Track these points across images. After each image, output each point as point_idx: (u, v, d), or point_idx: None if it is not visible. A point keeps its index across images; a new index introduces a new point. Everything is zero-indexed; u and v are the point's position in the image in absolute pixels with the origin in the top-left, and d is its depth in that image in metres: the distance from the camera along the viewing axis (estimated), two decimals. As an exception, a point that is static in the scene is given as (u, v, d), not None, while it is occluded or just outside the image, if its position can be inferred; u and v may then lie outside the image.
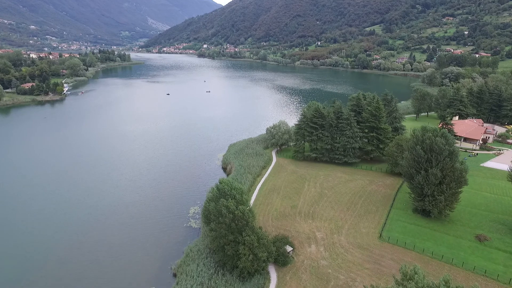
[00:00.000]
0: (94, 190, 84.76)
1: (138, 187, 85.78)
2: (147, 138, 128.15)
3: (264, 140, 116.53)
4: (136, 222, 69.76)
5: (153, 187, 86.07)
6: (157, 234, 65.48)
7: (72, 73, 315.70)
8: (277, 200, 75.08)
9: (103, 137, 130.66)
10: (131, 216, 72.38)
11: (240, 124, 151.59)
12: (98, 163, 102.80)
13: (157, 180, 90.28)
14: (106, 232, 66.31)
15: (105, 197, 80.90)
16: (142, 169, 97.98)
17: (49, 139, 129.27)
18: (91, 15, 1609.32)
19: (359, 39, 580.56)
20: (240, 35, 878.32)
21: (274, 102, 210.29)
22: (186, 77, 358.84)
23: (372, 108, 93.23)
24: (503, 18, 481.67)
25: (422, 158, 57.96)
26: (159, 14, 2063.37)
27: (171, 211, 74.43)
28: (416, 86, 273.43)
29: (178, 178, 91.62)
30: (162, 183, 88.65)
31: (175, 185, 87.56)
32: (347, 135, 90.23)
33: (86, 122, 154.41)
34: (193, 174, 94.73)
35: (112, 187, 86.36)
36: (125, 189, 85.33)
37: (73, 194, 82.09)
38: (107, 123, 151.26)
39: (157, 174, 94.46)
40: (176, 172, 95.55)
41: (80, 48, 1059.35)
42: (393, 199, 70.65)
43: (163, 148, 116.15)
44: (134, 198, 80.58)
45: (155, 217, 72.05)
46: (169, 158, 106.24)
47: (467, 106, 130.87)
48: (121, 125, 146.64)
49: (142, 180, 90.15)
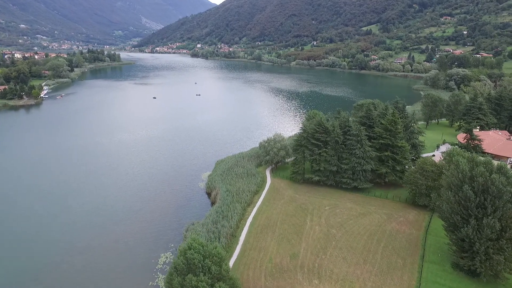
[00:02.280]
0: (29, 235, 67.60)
1: (97, 226, 68.31)
2: (122, 153, 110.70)
3: (256, 156, 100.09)
4: (84, 279, 52.80)
5: (115, 223, 68.91)
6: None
7: (55, 75, 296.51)
8: (272, 243, 58.65)
9: (68, 153, 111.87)
10: (80, 269, 55.42)
11: (231, 134, 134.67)
12: (53, 189, 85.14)
13: (122, 214, 72.95)
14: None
15: (53, 241, 63.82)
16: (108, 197, 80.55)
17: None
18: (83, 14, 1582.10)
19: (355, 39, 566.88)
20: (235, 35, 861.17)
21: (269, 107, 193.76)
22: (177, 79, 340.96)
23: (386, 121, 77.18)
24: (502, 18, 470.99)
25: (472, 202, 41.88)
26: (153, 13, 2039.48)
27: (134, 262, 57.39)
28: (419, 88, 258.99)
29: (151, 211, 74.38)
30: (128, 218, 70.96)
31: (146, 220, 70.52)
32: (356, 154, 74.04)
33: (54, 133, 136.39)
34: (169, 204, 77.59)
35: (62, 226, 69.19)
36: (79, 229, 68.06)
37: (16, 233, 64.93)
38: (79, 134, 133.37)
39: (125, 204, 77.06)
40: (149, 202, 78.21)
41: (72, 47, 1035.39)
42: (422, 246, 54.52)
43: (138, 167, 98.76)
44: (88, 243, 63.46)
45: (111, 270, 55.14)
46: (143, 181, 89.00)
47: (487, 115, 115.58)
48: (94, 137, 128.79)
49: (103, 215, 72.76)
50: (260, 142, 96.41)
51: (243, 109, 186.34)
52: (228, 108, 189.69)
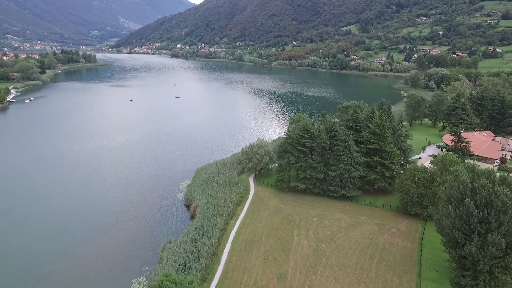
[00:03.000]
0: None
1: (59, 250, 60.93)
2: (93, 163, 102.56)
3: (239, 163, 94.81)
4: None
5: (81, 246, 61.81)
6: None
7: (24, 77, 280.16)
8: (258, 262, 53.61)
9: (33, 162, 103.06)
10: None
11: (212, 139, 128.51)
12: (9, 208, 76.42)
13: (90, 233, 65.76)
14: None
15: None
16: (75, 214, 73.03)
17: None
18: (57, 13, 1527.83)
19: (336, 39, 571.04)
20: (215, 35, 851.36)
21: (251, 109, 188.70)
22: (155, 80, 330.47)
23: (374, 125, 73.70)
24: (475, 19, 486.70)
25: (475, 217, 38.29)
26: (130, 13, 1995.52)
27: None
28: (400, 87, 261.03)
29: (123, 228, 67.65)
30: (97, 238, 63.74)
31: (118, 239, 63.87)
32: (344, 161, 70.09)
33: (20, 140, 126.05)
34: (145, 219, 70.98)
35: (17, 253, 61.54)
36: (37, 254, 60.61)
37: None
38: (47, 141, 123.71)
39: (94, 222, 69.68)
40: (121, 217, 71.21)
41: (45, 48, 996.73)
42: (418, 261, 50.88)
43: (111, 178, 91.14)
44: (48, 269, 56.35)
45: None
46: (116, 194, 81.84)
47: (470, 115, 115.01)
48: (64, 144, 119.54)
49: (68, 236, 65.03)
50: (242, 148, 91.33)
51: (224, 112, 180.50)
52: (209, 111, 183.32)
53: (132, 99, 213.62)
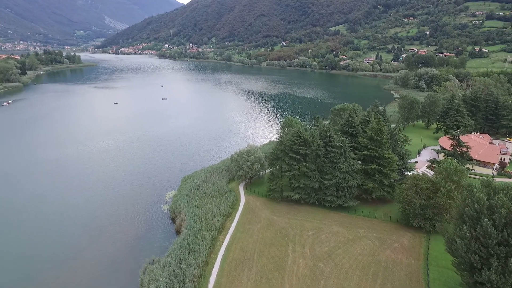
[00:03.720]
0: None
1: (25, 276, 54.85)
2: (71, 172, 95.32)
3: (228, 170, 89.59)
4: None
5: (53, 269, 55.59)
6: None
7: (3, 79, 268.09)
8: (249, 284, 48.52)
9: (4, 173, 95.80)
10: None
11: (200, 144, 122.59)
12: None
13: (62, 256, 59.12)
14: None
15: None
16: (47, 232, 66.47)
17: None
18: (40, 13, 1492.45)
19: (324, 39, 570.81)
20: (203, 35, 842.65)
21: (241, 111, 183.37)
22: (142, 81, 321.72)
23: (371, 130, 69.45)
24: (460, 19, 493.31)
25: (493, 239, 34.07)
26: (116, 12, 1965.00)
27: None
28: (390, 88, 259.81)
29: (100, 248, 61.46)
30: (70, 260, 57.27)
31: (93, 261, 57.72)
32: (340, 169, 65.58)
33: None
34: (125, 236, 64.86)
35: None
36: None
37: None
38: (23, 148, 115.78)
39: (67, 242, 63.03)
40: (99, 235, 64.94)
41: (28, 48, 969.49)
42: (425, 282, 46.54)
43: (89, 190, 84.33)
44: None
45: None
46: (95, 207, 75.33)
47: (464, 117, 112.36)
48: (40, 152, 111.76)
49: (38, 260, 59.01)
50: (231, 154, 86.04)
51: (213, 114, 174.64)
52: (197, 113, 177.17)
53: (116, 101, 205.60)
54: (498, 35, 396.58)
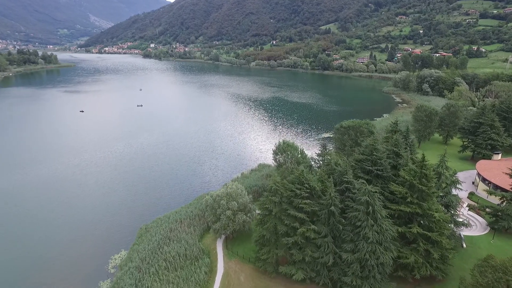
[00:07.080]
0: None
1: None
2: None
3: (202, 215, 65.65)
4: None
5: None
6: None
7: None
8: None
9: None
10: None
11: (169, 172, 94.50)
12: None
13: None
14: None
15: None
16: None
17: None
18: (21, 11, 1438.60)
19: (315, 38, 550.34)
20: (190, 34, 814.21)
21: (226, 122, 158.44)
22: (119, 84, 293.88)
23: (410, 175, 46.24)
24: (454, 18, 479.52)
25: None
26: (102, 10, 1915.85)
27: None
28: (390, 91, 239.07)
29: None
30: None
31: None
32: (368, 238, 42.25)
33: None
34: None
35: None
36: None
37: None
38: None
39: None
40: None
41: (7, 47, 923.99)
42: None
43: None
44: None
45: None
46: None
47: (501, 134, 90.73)
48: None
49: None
50: (205, 198, 61.66)
51: (194, 126, 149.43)
52: (175, 124, 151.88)
53: (83, 109, 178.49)
54: (494, 34, 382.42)
